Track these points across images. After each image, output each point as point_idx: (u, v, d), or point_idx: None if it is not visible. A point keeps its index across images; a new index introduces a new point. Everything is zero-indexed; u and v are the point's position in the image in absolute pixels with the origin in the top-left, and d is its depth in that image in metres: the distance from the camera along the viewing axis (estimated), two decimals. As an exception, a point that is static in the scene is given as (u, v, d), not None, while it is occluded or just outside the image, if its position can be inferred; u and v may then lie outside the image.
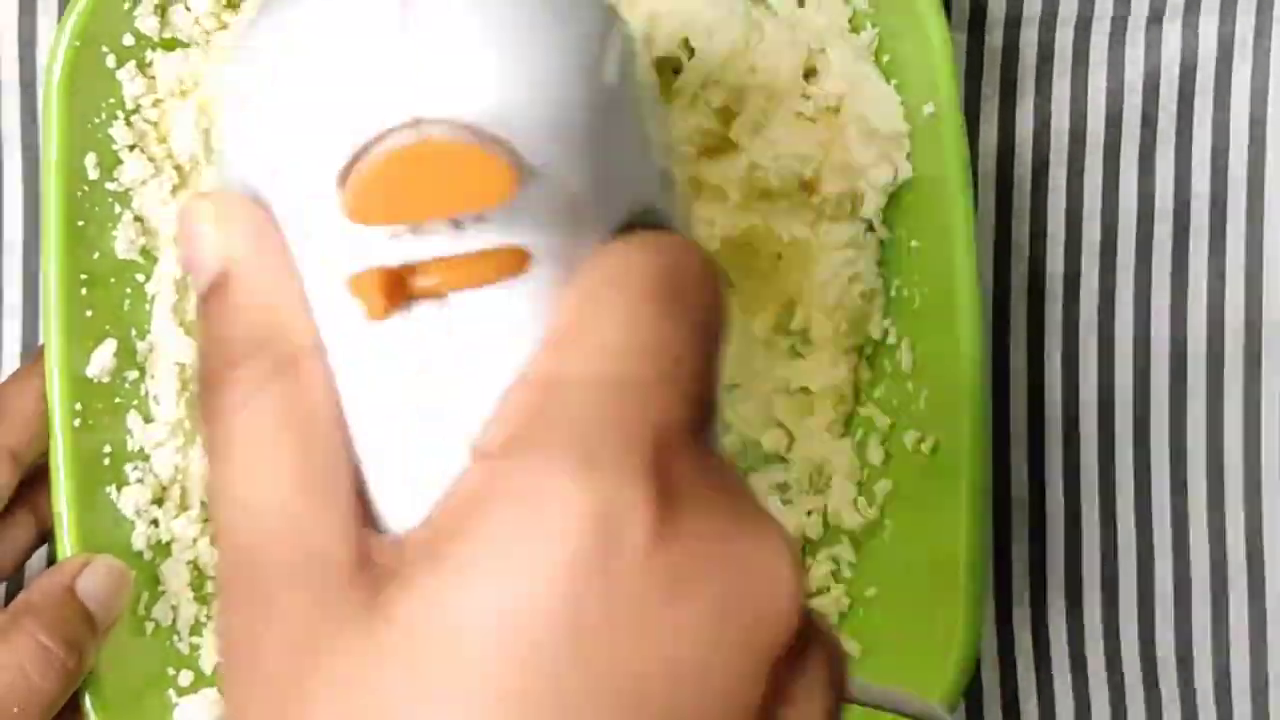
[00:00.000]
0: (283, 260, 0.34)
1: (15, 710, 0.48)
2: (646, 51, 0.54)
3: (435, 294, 0.33)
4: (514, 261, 0.33)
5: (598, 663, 0.31)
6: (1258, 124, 0.61)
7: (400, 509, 0.33)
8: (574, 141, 0.33)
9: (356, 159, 0.32)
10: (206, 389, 0.34)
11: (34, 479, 0.52)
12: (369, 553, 0.33)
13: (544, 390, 0.32)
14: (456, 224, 0.33)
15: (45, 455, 0.52)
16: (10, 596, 0.55)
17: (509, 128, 0.33)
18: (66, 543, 0.51)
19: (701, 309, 0.34)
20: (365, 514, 0.33)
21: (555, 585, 0.31)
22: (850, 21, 0.55)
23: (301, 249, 0.34)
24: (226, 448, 0.33)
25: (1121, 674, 0.62)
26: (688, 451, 0.32)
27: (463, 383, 0.33)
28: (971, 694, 0.61)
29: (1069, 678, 0.62)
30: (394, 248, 0.33)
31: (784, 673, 0.32)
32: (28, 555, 0.53)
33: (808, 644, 0.33)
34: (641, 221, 0.35)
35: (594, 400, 0.32)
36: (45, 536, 0.53)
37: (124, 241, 0.53)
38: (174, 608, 0.54)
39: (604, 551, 0.31)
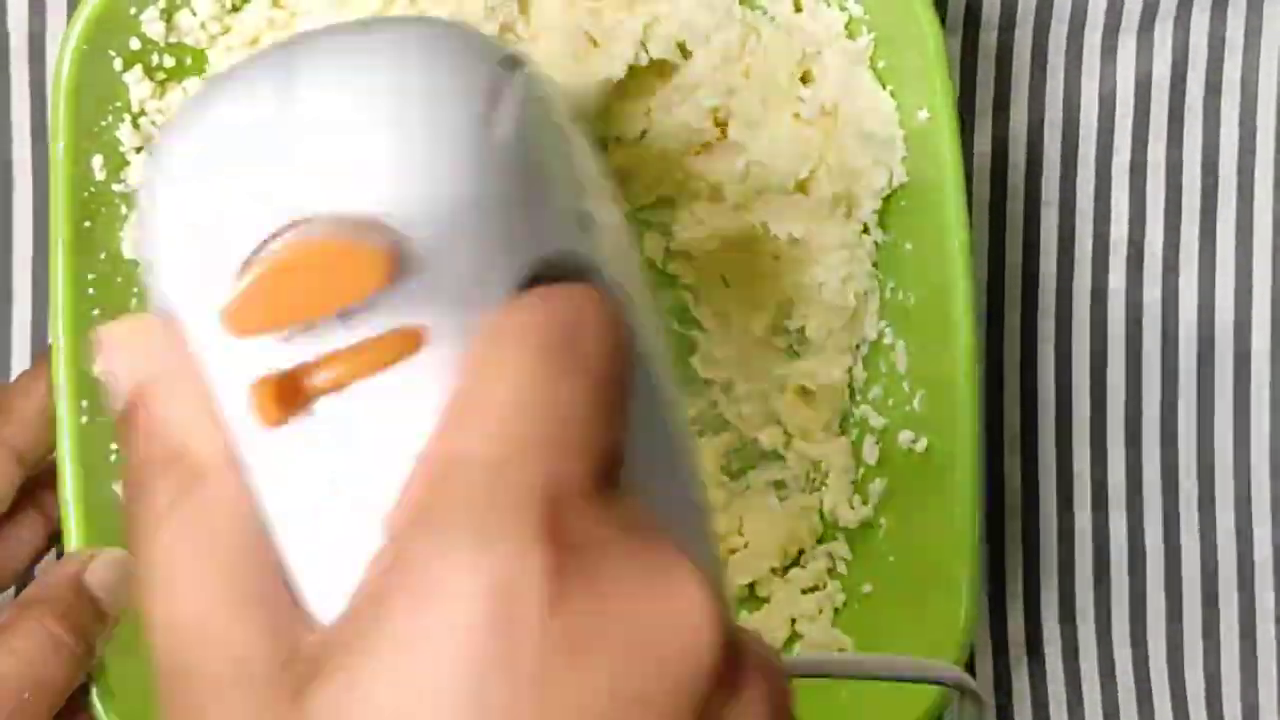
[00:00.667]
0: (190, 375, 0.34)
1: (26, 696, 0.48)
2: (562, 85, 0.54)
3: (337, 388, 0.33)
4: (408, 343, 0.33)
5: None
6: (1248, 127, 0.61)
7: (328, 597, 0.33)
8: (459, 212, 0.33)
9: (245, 268, 0.32)
10: (129, 503, 0.35)
11: (41, 478, 0.53)
12: (297, 649, 0.32)
13: (440, 466, 0.32)
14: (344, 315, 0.32)
15: (52, 454, 0.52)
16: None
17: (389, 214, 0.32)
18: (74, 537, 0.51)
19: (597, 357, 0.33)
20: (293, 610, 0.33)
21: (457, 672, 0.30)
22: (846, 27, 0.55)
23: (206, 359, 0.34)
24: (149, 570, 0.34)
25: (1113, 673, 0.62)
26: (588, 506, 0.32)
27: (372, 467, 0.33)
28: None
29: (1061, 677, 0.62)
30: (287, 350, 0.33)
31: (716, 708, 0.32)
32: (38, 555, 0.54)
33: (740, 674, 0.32)
34: (552, 270, 0.35)
35: (485, 472, 0.32)
36: (54, 536, 0.54)
37: (130, 242, 0.53)
38: None
39: (503, 628, 0.31)
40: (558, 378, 0.33)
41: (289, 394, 0.32)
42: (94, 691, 0.51)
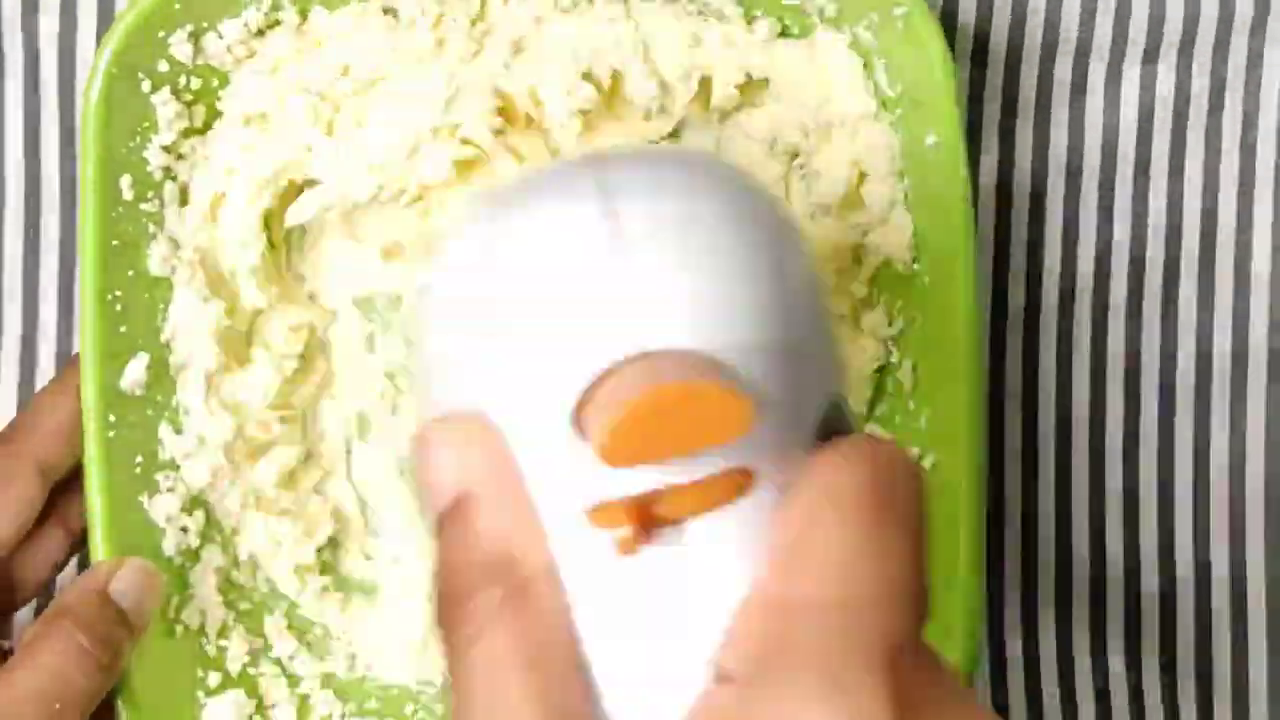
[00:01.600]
0: (517, 486, 0.34)
1: (57, 707, 0.48)
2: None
3: (673, 520, 0.33)
4: (742, 483, 0.33)
5: None
6: (1248, 156, 0.61)
7: None
8: (780, 361, 0.34)
9: (589, 394, 0.33)
10: (445, 618, 0.35)
11: (63, 491, 0.53)
12: None
13: (779, 613, 0.33)
14: (694, 452, 0.33)
15: (74, 468, 0.53)
16: (43, 606, 0.56)
17: (732, 353, 0.33)
18: (100, 549, 0.52)
19: (909, 513, 0.34)
20: None
21: None
22: (854, 49, 0.55)
23: (535, 476, 0.34)
24: (467, 682, 0.34)
25: (1108, 685, 0.63)
26: (915, 656, 0.33)
27: (699, 604, 0.33)
28: None
29: (1057, 689, 0.63)
30: (632, 478, 0.33)
31: None
32: (60, 567, 0.54)
33: None
34: (831, 414, 0.35)
35: (828, 621, 0.32)
36: (76, 548, 0.54)
37: (157, 259, 0.53)
38: (202, 612, 0.54)
39: None
40: (886, 533, 0.33)
41: (640, 523, 0.33)
42: (118, 703, 0.51)
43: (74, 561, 0.56)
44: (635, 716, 0.34)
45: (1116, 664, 0.63)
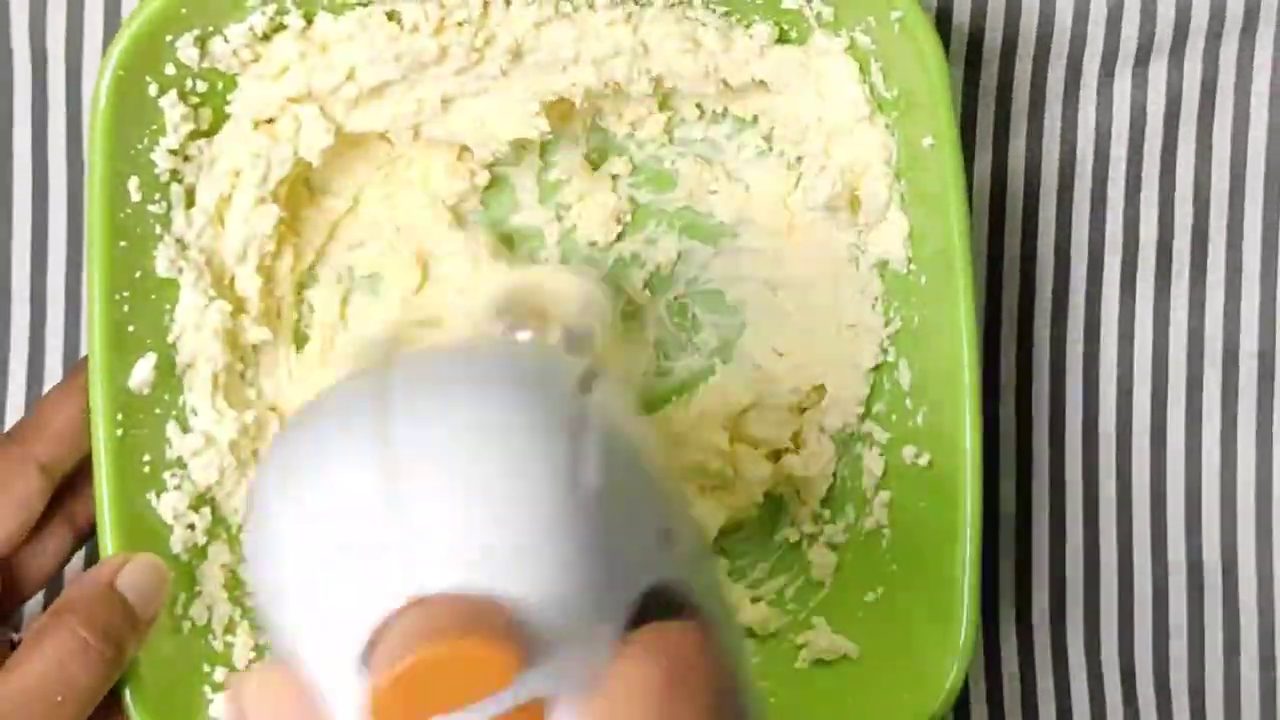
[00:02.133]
0: None
1: (59, 699, 0.49)
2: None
3: None
4: (534, 717, 0.34)
5: None
6: (1238, 157, 0.61)
7: None
8: (570, 577, 0.34)
9: (373, 642, 0.33)
10: None
11: (69, 488, 0.53)
12: None
13: None
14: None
15: (79, 466, 0.53)
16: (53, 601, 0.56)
17: (502, 587, 0.33)
18: (108, 546, 0.52)
19: (706, 693, 0.35)
20: None
21: None
22: (851, 52, 0.55)
23: (336, 716, 0.35)
24: None
25: (1101, 681, 0.63)
26: None
27: None
28: (959, 699, 0.61)
29: (1051, 685, 0.63)
30: None
31: None
32: (64, 562, 0.54)
33: None
34: (652, 600, 0.36)
35: None
36: (80, 544, 0.54)
37: (164, 261, 0.53)
38: (209, 608, 0.54)
39: None
40: (679, 712, 0.35)
41: None
42: (127, 696, 0.52)
43: (83, 558, 0.57)
44: None
45: (1110, 660, 0.63)
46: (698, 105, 0.58)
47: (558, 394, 0.36)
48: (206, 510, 0.55)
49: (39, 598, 0.58)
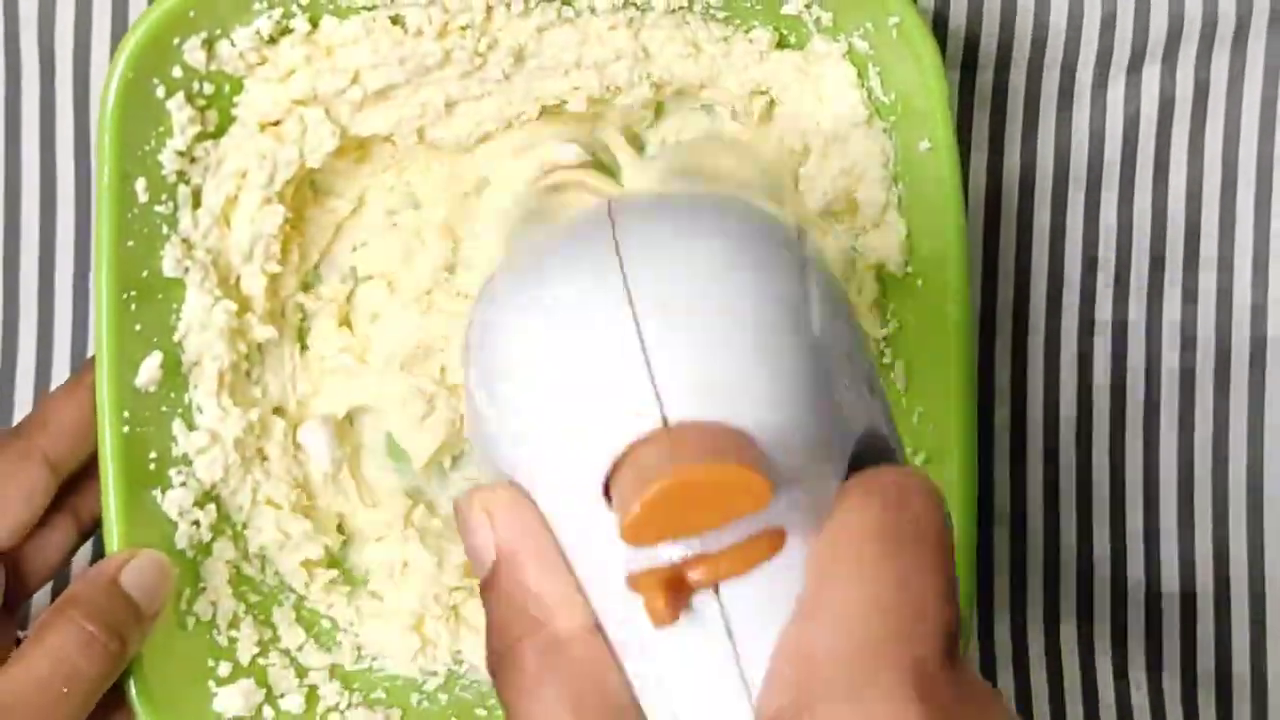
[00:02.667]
0: (551, 549, 0.36)
1: (64, 690, 0.49)
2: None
3: (709, 584, 0.34)
4: (773, 543, 0.34)
5: None
6: (1230, 162, 0.62)
7: None
8: (805, 414, 0.35)
9: (616, 468, 0.34)
10: (497, 668, 0.37)
11: (73, 484, 0.54)
12: None
13: (807, 659, 0.34)
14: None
15: (85, 463, 0.53)
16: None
17: (746, 419, 0.34)
18: (114, 542, 0.52)
19: (928, 541, 0.35)
20: None
21: None
22: (849, 57, 0.55)
23: (572, 543, 0.36)
24: None
25: (1094, 676, 0.63)
26: (945, 675, 0.34)
27: (741, 654, 0.35)
28: None
29: (1045, 680, 0.63)
30: (666, 547, 0.34)
31: None
32: (68, 558, 0.54)
33: None
34: (865, 447, 0.36)
35: (853, 659, 0.34)
36: (84, 539, 0.55)
37: (171, 260, 0.54)
38: (214, 604, 0.55)
39: None
40: (903, 562, 0.35)
41: (672, 591, 0.34)
42: (132, 691, 0.52)
43: (89, 554, 0.57)
44: None
45: (1103, 658, 0.63)
46: (702, 108, 0.59)
47: (782, 238, 0.37)
48: (211, 507, 0.55)
49: (48, 596, 0.59)
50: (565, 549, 0.36)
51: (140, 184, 0.53)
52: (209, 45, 0.54)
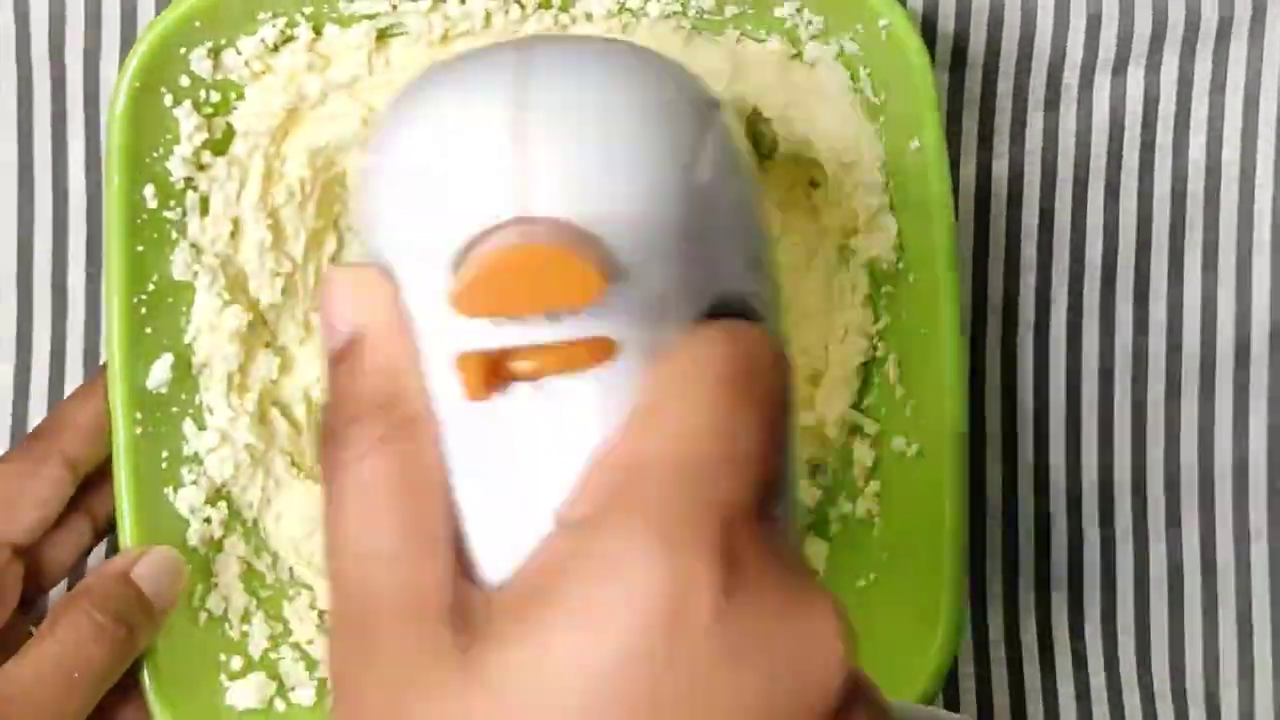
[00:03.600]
0: (403, 331, 0.36)
1: (75, 676, 0.50)
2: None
3: (531, 377, 0.35)
4: (602, 351, 0.35)
5: None
6: (1214, 162, 0.62)
7: (491, 563, 0.35)
8: (665, 243, 0.35)
9: (466, 251, 0.35)
10: (328, 440, 0.36)
11: (89, 484, 0.54)
12: (465, 600, 0.34)
13: (624, 470, 0.34)
14: (552, 315, 0.35)
15: (101, 463, 0.54)
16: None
17: (604, 228, 0.35)
18: (128, 539, 0.53)
19: (768, 396, 0.35)
20: (461, 565, 0.35)
21: (631, 646, 0.32)
22: (840, 60, 0.56)
23: (419, 323, 0.36)
24: (342, 497, 0.35)
25: (1086, 666, 0.63)
26: (751, 529, 0.34)
27: (551, 457, 0.35)
28: (948, 681, 0.62)
29: (1038, 668, 0.63)
30: (496, 332, 0.35)
31: None
32: (83, 556, 0.55)
33: (853, 702, 0.34)
34: (724, 308, 0.37)
35: (669, 481, 0.33)
36: (100, 537, 0.55)
37: (180, 265, 0.54)
38: (225, 599, 0.55)
39: (673, 621, 0.32)
40: (738, 407, 0.34)
41: (491, 372, 0.35)
42: (146, 684, 0.53)
43: (104, 552, 0.58)
44: (489, 551, 0.35)
45: (1093, 643, 0.63)
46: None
47: (691, 89, 0.38)
48: (222, 504, 0.55)
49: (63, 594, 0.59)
50: (415, 332, 0.36)
51: (149, 190, 0.54)
52: (215, 55, 0.54)
